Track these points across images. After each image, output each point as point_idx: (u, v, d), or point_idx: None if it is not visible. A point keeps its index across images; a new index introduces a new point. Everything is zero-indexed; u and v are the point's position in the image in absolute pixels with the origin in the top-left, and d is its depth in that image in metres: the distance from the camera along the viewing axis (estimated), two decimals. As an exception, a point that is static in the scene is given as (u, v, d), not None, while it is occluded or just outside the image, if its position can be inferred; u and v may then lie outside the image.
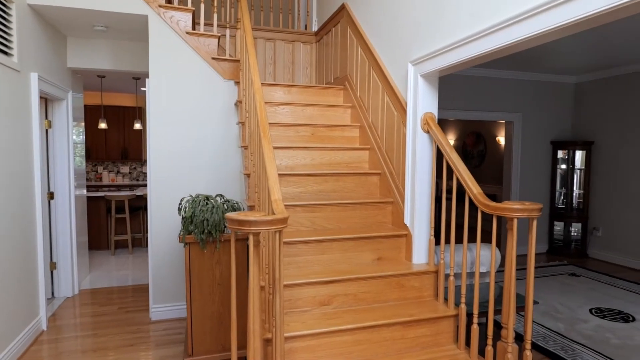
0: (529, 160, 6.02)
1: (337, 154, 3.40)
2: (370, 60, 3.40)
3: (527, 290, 2.13)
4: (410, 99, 2.79)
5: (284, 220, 1.76)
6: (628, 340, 3.31)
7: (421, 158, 2.74)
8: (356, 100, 3.71)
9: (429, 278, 2.70)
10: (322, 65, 4.64)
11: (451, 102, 5.58)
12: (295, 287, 2.45)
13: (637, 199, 5.37)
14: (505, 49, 2.05)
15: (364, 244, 2.79)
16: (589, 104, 5.96)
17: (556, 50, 4.64)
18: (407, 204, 2.83)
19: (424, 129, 2.72)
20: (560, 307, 3.99)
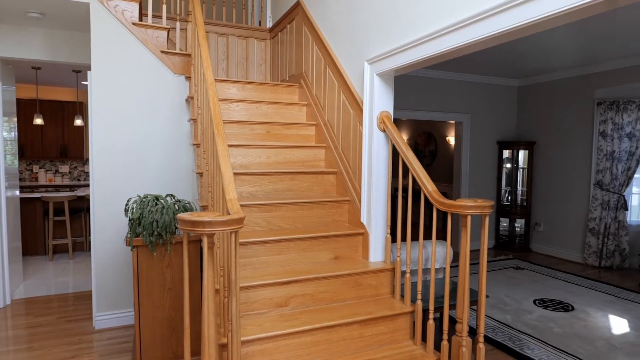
0: (477, 160, 6.27)
1: (293, 153, 3.34)
2: (326, 59, 3.38)
3: (480, 287, 2.19)
4: (366, 98, 2.79)
5: (240, 220, 1.68)
6: (568, 329, 3.51)
7: (377, 156, 2.75)
8: (312, 99, 3.67)
9: (386, 276, 2.71)
10: (277, 63, 4.56)
11: (404, 102, 5.69)
12: (251, 289, 2.37)
13: (574, 196, 5.74)
14: (460, 50, 2.09)
15: (321, 243, 2.76)
16: (531, 106, 6.30)
17: (501, 55, 4.85)
18: (364, 202, 2.83)
19: (380, 128, 2.73)
20: (507, 300, 4.17)
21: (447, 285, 2.26)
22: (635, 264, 5.37)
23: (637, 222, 5.44)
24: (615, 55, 4.84)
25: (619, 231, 5.32)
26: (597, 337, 3.35)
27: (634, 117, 5.16)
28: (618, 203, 5.30)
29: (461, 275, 2.19)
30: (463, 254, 2.17)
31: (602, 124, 5.35)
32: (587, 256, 5.51)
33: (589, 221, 5.47)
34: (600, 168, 5.38)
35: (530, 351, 3.12)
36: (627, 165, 5.23)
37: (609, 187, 5.32)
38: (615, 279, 4.96)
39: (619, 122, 5.23)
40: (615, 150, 5.26)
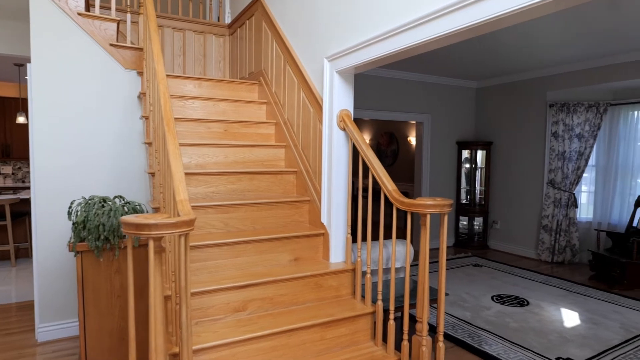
0: (437, 159, 6.37)
1: (251, 152, 3.24)
2: (286, 55, 3.30)
3: (440, 286, 2.18)
4: (326, 96, 2.73)
5: (190, 222, 1.58)
6: (524, 323, 3.60)
7: (337, 155, 2.70)
8: (271, 97, 3.58)
9: (347, 276, 2.67)
10: (236, 60, 4.44)
11: (366, 102, 5.70)
12: (206, 294, 2.26)
13: (528, 194, 5.95)
14: (419, 47, 2.07)
15: (280, 244, 2.68)
16: (488, 107, 6.48)
17: (459, 57, 4.94)
18: (324, 202, 2.78)
19: (340, 126, 2.68)
20: (466, 297, 4.25)
21: (407, 285, 2.24)
22: (584, 258, 5.62)
23: (586, 219, 5.70)
24: (565, 59, 5.05)
25: (570, 228, 5.55)
26: (550, 331, 3.46)
27: (582, 118, 5.40)
28: (569, 201, 5.53)
29: (421, 274, 2.17)
30: (423, 253, 2.16)
31: (554, 125, 5.57)
32: (540, 252, 5.72)
33: (542, 218, 5.68)
34: (553, 167, 5.59)
35: (489, 347, 3.17)
36: (577, 164, 5.46)
37: (560, 185, 5.54)
38: (567, 273, 5.16)
39: (570, 124, 5.46)
40: (566, 151, 5.48)
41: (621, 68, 4.87)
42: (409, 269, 2.27)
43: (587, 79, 5.21)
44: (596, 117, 5.36)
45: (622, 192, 5.35)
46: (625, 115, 5.33)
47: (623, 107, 5.34)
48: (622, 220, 5.30)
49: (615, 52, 4.68)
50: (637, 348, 3.17)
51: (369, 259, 2.53)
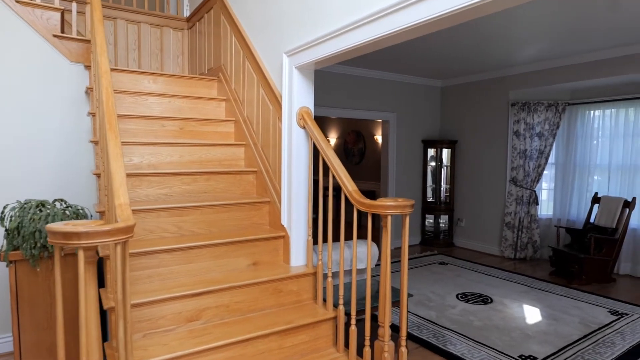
0: (403, 158, 6.38)
1: (209, 151, 3.09)
2: (245, 51, 3.17)
3: (402, 289, 2.11)
4: (285, 93, 2.62)
5: (128, 229, 1.43)
6: (487, 321, 3.61)
7: (297, 155, 2.59)
8: (231, 93, 3.44)
9: (308, 280, 2.57)
10: (195, 55, 4.25)
11: (331, 100, 5.62)
12: (156, 304, 2.11)
13: (492, 192, 6.04)
14: (380, 42, 1.99)
15: (238, 248, 2.55)
16: (453, 106, 6.53)
17: (424, 55, 4.94)
18: (284, 203, 2.67)
19: (300, 124, 2.58)
20: (431, 296, 4.24)
21: (369, 288, 2.17)
22: (545, 254, 5.75)
23: (546, 215, 5.84)
24: (526, 59, 5.13)
25: (531, 224, 5.67)
26: (513, 328, 3.48)
27: (542, 117, 5.51)
28: (530, 198, 5.64)
29: (382, 278, 2.10)
30: (384, 256, 2.08)
31: (515, 123, 5.66)
32: (504, 249, 5.81)
33: (505, 216, 5.77)
34: (515, 165, 5.69)
35: (453, 347, 3.15)
36: (538, 162, 5.58)
37: (522, 183, 5.64)
38: (529, 269, 5.26)
39: (530, 122, 5.56)
40: (527, 149, 5.59)
41: (578, 68, 4.99)
42: (370, 271, 2.19)
43: (546, 79, 5.32)
44: (555, 116, 5.48)
45: (580, 189, 5.50)
46: (582, 114, 5.48)
47: (580, 107, 5.49)
48: (580, 216, 5.45)
49: (573, 53, 4.79)
50: (595, 343, 3.22)
51: (330, 262, 2.44)
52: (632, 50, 4.50)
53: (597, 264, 4.66)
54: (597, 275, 4.69)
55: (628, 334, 3.40)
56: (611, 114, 5.23)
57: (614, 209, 4.77)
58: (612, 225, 4.74)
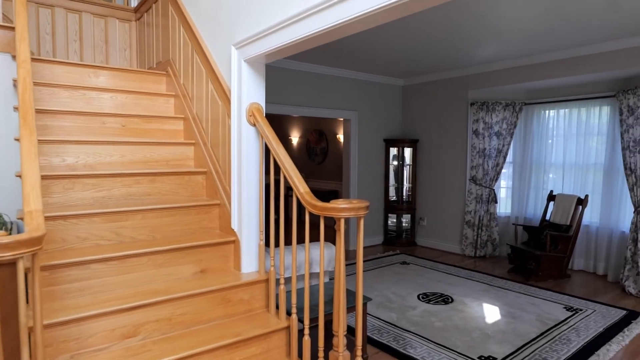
0: (366, 157, 6.31)
1: (154, 150, 2.87)
2: (194, 43, 2.97)
3: (357, 297, 2.00)
4: (234, 88, 2.45)
5: (35, 240, 1.23)
6: (448, 322, 3.57)
7: (247, 154, 2.43)
8: (180, 89, 3.22)
9: (260, 288, 2.41)
10: (143, 48, 3.99)
11: (291, 97, 5.47)
12: (85, 321, 1.89)
13: (453, 191, 6.07)
14: (332, 32, 1.86)
15: (183, 255, 2.36)
16: (414, 105, 6.53)
17: (385, 53, 4.88)
18: (234, 205, 2.50)
19: (250, 122, 2.42)
20: (393, 297, 4.17)
21: (322, 296, 2.03)
22: (504, 252, 5.84)
23: (505, 213, 5.93)
24: (484, 59, 5.17)
25: (491, 222, 5.73)
26: (473, 328, 3.45)
27: (500, 117, 5.58)
28: (489, 196, 5.70)
29: (336, 285, 1.97)
30: (338, 262, 1.96)
31: (474, 123, 5.71)
32: (464, 247, 5.85)
33: (466, 214, 5.81)
34: (474, 164, 5.74)
35: (413, 350, 3.08)
36: (496, 161, 5.65)
37: (481, 182, 5.70)
38: (488, 267, 5.31)
39: (489, 122, 5.62)
40: (486, 148, 5.64)
41: (534, 69, 5.07)
42: (323, 276, 2.06)
43: (503, 78, 5.39)
44: (513, 116, 5.56)
45: (537, 187, 5.61)
46: (538, 114, 5.59)
47: (536, 106, 5.59)
48: (537, 214, 5.56)
49: (529, 53, 4.86)
50: (552, 340, 3.24)
51: (282, 268, 2.29)
52: (584, 51, 4.60)
53: (553, 261, 4.75)
54: (553, 271, 4.78)
55: (582, 329, 3.44)
56: (565, 114, 5.35)
57: (568, 207, 4.88)
58: (566, 223, 4.84)
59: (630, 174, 4.41)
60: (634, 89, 4.37)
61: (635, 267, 4.31)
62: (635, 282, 4.28)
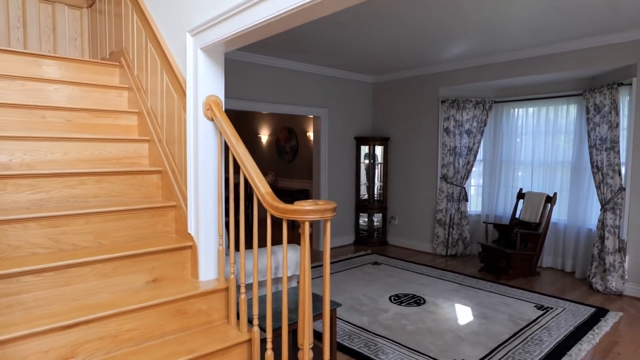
0: (336, 155, 6.17)
1: (104, 147, 2.61)
2: (147, 30, 2.72)
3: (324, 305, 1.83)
4: (190, 79, 2.24)
5: None
6: (420, 324, 3.47)
7: (205, 151, 2.22)
8: (134, 81, 2.97)
9: (219, 297, 2.21)
10: (95, 37, 3.70)
11: (259, 93, 5.25)
12: (12, 344, 1.65)
13: (424, 189, 6.01)
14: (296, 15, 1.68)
15: (133, 263, 2.13)
16: (385, 102, 6.43)
17: (354, 49, 4.74)
18: (191, 208, 2.29)
19: (207, 116, 2.21)
20: (364, 299, 4.04)
21: (285, 305, 1.86)
22: (475, 250, 5.82)
23: (475, 212, 5.91)
24: (455, 56, 5.11)
25: (462, 221, 5.70)
26: (445, 330, 3.36)
27: (471, 115, 5.55)
28: (460, 195, 5.67)
29: (301, 295, 1.80)
30: (302, 269, 1.78)
31: (445, 120, 5.66)
32: (435, 246, 5.80)
33: (437, 213, 5.76)
34: (445, 162, 5.69)
35: (385, 356, 2.95)
36: (467, 159, 5.62)
37: (452, 180, 5.65)
38: (460, 266, 5.27)
39: (460, 120, 5.58)
40: (457, 146, 5.60)
41: (503, 67, 5.05)
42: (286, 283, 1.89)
43: (474, 76, 5.35)
44: (483, 114, 5.54)
45: (506, 185, 5.61)
46: (507, 112, 5.59)
47: (505, 105, 5.59)
48: (507, 212, 5.56)
49: (499, 51, 4.83)
50: (525, 341, 3.18)
51: (243, 275, 2.10)
52: (552, 50, 4.61)
53: (523, 259, 4.74)
54: (523, 269, 4.77)
55: (554, 329, 3.41)
56: (533, 112, 5.37)
57: (537, 205, 4.88)
58: (535, 220, 4.85)
59: (597, 172, 4.44)
60: (600, 87, 4.40)
61: (602, 264, 4.34)
62: (602, 279, 4.32)
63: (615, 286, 4.19)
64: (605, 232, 4.28)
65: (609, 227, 4.27)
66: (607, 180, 4.33)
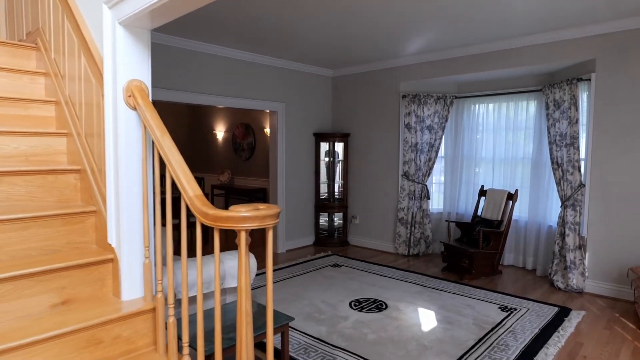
0: (295, 152, 5.87)
1: (9, 142, 2.19)
2: (64, 6, 2.31)
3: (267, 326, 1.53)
4: (107, 60, 1.87)
5: None
6: (382, 333, 3.24)
7: (127, 145, 1.87)
8: (51, 65, 2.54)
9: (146, 320, 1.87)
10: (12, 15, 3.21)
11: (210, 85, 4.87)
12: None
13: (386, 187, 5.81)
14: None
15: (36, 282, 1.75)
16: (345, 97, 6.19)
17: (311, 39, 4.45)
18: (111, 214, 1.92)
19: (129, 104, 1.85)
20: (322, 306, 3.77)
21: (218, 324, 1.54)
22: (437, 249, 5.69)
23: (437, 210, 5.79)
24: (415, 50, 4.93)
25: (424, 219, 5.55)
26: (409, 339, 3.14)
27: (432, 110, 5.40)
28: (422, 192, 5.51)
29: (239, 317, 1.49)
30: (240, 289, 1.47)
31: (406, 116, 5.48)
32: (397, 246, 5.63)
33: (399, 211, 5.58)
34: (407, 159, 5.52)
35: (344, 371, 2.69)
36: (428, 156, 5.47)
37: (414, 177, 5.49)
38: (422, 266, 5.11)
39: (421, 115, 5.42)
40: (418, 142, 5.44)
41: (464, 61, 4.93)
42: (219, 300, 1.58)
43: (434, 71, 5.20)
44: (444, 109, 5.41)
45: (468, 182, 5.51)
46: (469, 107, 5.49)
47: (467, 100, 5.49)
48: (469, 209, 5.46)
49: (459, 44, 4.69)
50: (491, 347, 3.01)
51: (171, 295, 1.76)
52: (513, 44, 4.51)
53: (486, 257, 4.63)
54: (486, 268, 4.67)
55: (519, 332, 3.27)
56: (493, 108, 5.28)
57: (499, 202, 4.79)
58: (497, 218, 4.75)
59: (557, 168, 4.38)
60: (560, 83, 4.34)
61: (562, 261, 4.29)
62: (563, 277, 4.26)
63: (576, 284, 4.14)
64: (566, 229, 4.22)
65: (570, 224, 4.21)
66: (567, 177, 4.28)
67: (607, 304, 3.88)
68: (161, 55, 4.44)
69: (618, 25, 3.88)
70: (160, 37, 4.37)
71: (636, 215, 3.88)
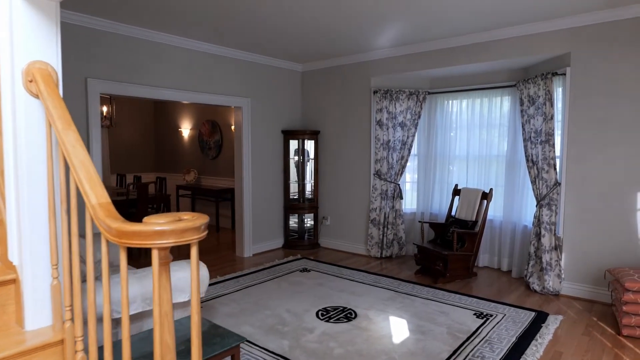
0: (262, 150, 5.55)
1: None
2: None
3: None
4: (4, 36, 1.53)
5: None
6: (350, 346, 2.97)
7: (29, 142, 1.53)
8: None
9: (56, 353, 1.54)
10: None
11: (170, 79, 4.50)
12: None
13: (357, 187, 5.57)
14: None
15: None
16: (314, 92, 5.91)
17: (279, 32, 4.14)
18: (12, 225, 1.58)
19: (30, 91, 1.52)
20: (287, 317, 3.48)
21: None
22: (411, 251, 5.48)
23: (410, 210, 5.57)
24: (386, 43, 4.69)
25: (396, 220, 5.33)
26: (378, 352, 2.89)
27: (405, 106, 5.18)
28: (394, 192, 5.29)
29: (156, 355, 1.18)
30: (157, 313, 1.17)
31: (378, 112, 5.25)
32: (370, 247, 5.39)
33: (371, 212, 5.34)
34: (379, 157, 5.28)
35: (306, 393, 2.41)
36: (401, 154, 5.25)
37: (386, 176, 5.26)
38: (395, 269, 4.89)
39: (393, 112, 5.19)
40: (391, 140, 5.22)
41: (436, 55, 4.72)
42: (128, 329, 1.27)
43: (406, 65, 4.98)
44: (417, 105, 5.20)
45: (442, 180, 5.32)
46: (442, 104, 5.29)
47: (440, 96, 5.29)
48: (443, 209, 5.27)
49: (431, 38, 4.47)
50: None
51: (80, 323, 1.44)
52: (486, 37, 4.32)
53: (460, 260, 4.44)
54: (460, 271, 4.47)
55: (495, 341, 3.06)
56: (467, 104, 5.11)
57: (473, 201, 4.61)
58: (472, 218, 4.57)
59: (532, 166, 4.22)
60: (534, 78, 4.17)
61: (538, 262, 4.13)
62: (539, 279, 4.10)
63: (553, 286, 3.99)
64: (542, 229, 4.06)
65: (545, 223, 4.05)
66: (542, 175, 4.12)
67: (584, 306, 3.74)
68: (111, 45, 4.05)
69: (594, 17, 3.73)
70: (106, 24, 3.97)
71: (613, 214, 3.75)
